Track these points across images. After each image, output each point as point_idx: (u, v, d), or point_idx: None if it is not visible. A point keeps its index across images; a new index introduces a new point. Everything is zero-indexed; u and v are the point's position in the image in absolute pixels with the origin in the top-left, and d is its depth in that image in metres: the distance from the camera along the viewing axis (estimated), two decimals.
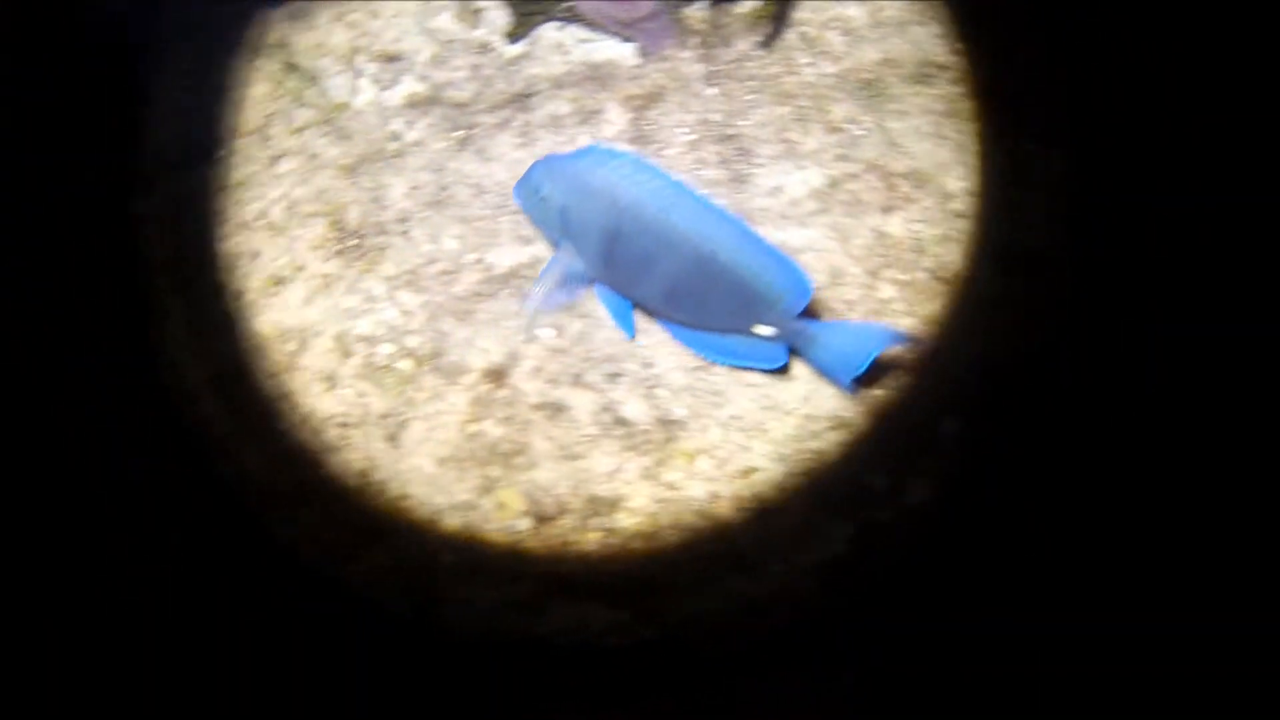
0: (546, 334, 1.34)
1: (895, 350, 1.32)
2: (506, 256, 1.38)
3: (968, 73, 1.46)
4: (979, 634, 1.19)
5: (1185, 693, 1.09)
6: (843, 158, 1.40)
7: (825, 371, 1.26)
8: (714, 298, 1.22)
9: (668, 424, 1.30)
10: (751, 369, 1.30)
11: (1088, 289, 1.32)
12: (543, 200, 1.25)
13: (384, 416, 1.33)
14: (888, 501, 1.29)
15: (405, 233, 1.41)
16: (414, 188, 1.43)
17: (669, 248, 1.20)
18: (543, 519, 1.28)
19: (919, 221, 1.38)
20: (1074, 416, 1.28)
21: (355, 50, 1.54)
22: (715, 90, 1.44)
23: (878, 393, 1.32)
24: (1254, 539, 1.15)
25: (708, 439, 1.30)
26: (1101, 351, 1.29)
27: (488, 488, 1.29)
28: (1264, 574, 1.12)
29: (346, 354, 1.36)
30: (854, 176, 1.39)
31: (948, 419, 1.32)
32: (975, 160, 1.41)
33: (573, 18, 1.50)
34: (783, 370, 1.30)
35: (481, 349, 1.34)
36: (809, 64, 1.45)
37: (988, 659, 1.16)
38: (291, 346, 1.37)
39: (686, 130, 1.42)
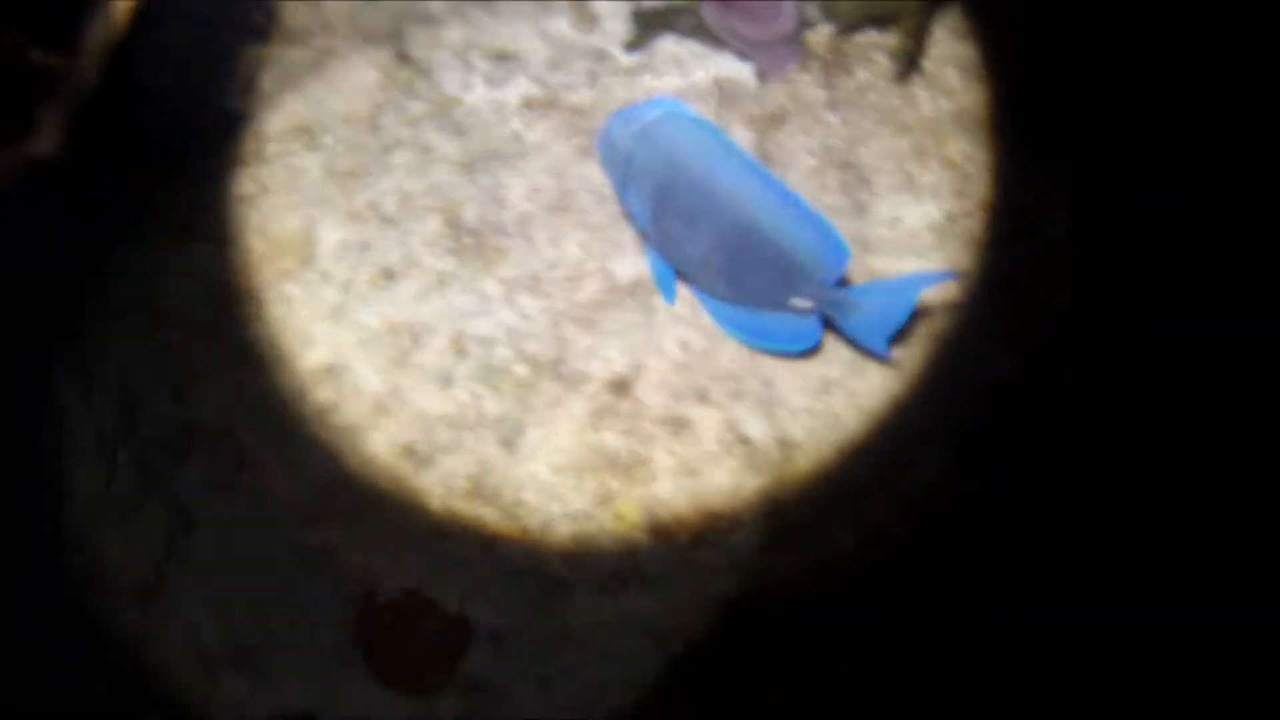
0: (672, 349, 1.34)
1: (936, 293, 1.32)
2: (629, 267, 1.37)
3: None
4: (981, 633, 1.22)
5: (1185, 692, 1.13)
6: (959, 194, 1.43)
7: (862, 339, 1.26)
8: (751, 269, 1.24)
9: (786, 445, 1.31)
10: (783, 352, 1.32)
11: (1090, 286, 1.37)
12: (614, 148, 1.28)
13: (499, 420, 1.31)
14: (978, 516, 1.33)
15: (526, 235, 1.39)
16: (534, 190, 1.42)
17: (711, 206, 1.22)
18: (660, 533, 1.28)
19: (1028, 260, 1.41)
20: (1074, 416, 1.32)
21: (469, 46, 1.52)
22: (837, 118, 1.46)
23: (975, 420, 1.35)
24: (1254, 538, 1.20)
25: (823, 461, 1.31)
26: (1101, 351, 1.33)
27: (606, 499, 1.28)
28: (1264, 573, 1.17)
29: (462, 354, 1.34)
30: (969, 214, 1.42)
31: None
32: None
33: (695, 32, 1.50)
34: (813, 351, 1.31)
35: (604, 359, 1.33)
36: (928, 99, 1.48)
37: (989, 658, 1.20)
38: (404, 342, 1.35)
39: (810, 155, 1.43)
